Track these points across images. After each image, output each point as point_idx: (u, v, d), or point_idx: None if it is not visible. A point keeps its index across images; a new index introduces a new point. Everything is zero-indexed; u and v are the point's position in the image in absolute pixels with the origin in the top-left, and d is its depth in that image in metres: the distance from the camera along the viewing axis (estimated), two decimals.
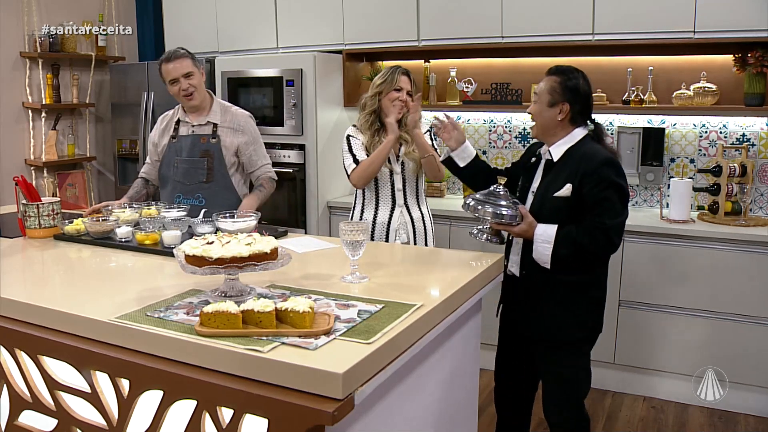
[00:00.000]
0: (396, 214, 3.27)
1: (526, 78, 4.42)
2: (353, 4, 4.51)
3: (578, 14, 3.89)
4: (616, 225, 2.42)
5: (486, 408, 3.69)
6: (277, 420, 1.51)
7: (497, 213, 2.49)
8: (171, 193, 3.36)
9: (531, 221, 2.46)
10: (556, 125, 2.53)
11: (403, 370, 1.82)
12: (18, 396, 2.05)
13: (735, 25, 3.55)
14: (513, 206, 2.50)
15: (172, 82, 3.24)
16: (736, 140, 3.97)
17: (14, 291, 2.11)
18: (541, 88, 2.56)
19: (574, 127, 2.54)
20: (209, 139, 3.30)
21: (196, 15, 5.15)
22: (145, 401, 1.74)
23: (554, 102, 2.51)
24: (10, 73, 4.90)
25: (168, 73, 3.24)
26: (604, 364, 3.90)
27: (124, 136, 5.20)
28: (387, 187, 3.27)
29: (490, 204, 2.52)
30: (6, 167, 4.86)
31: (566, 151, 2.52)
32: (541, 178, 2.59)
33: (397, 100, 3.17)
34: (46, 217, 2.86)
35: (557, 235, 2.42)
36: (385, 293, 2.05)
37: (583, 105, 2.54)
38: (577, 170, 2.43)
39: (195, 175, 3.30)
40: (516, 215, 2.47)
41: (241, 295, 1.96)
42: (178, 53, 3.26)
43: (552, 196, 2.48)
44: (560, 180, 2.47)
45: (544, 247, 2.44)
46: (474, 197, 2.59)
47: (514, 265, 2.66)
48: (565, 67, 2.57)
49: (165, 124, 3.41)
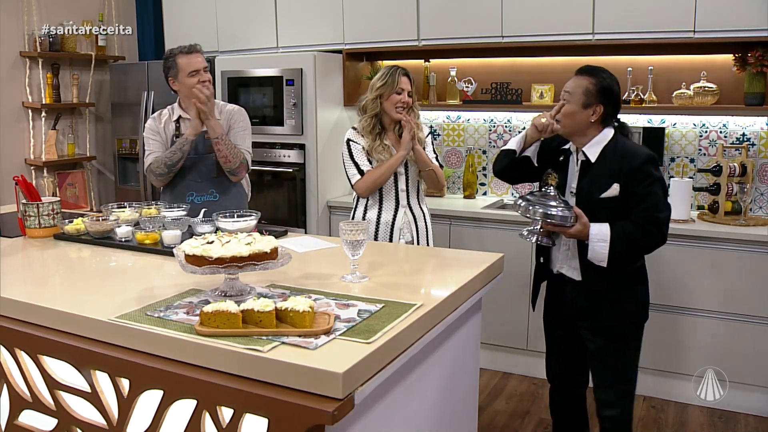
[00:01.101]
0: (400, 214, 3.28)
1: (526, 77, 4.42)
2: (353, 4, 4.51)
3: (578, 14, 3.89)
4: (666, 217, 2.47)
5: (486, 407, 3.69)
6: (277, 419, 1.51)
7: (550, 214, 2.46)
8: (181, 192, 3.30)
9: (585, 221, 2.45)
10: (588, 126, 2.54)
11: (403, 370, 1.82)
12: (18, 395, 2.05)
13: (735, 24, 3.55)
14: (566, 207, 2.47)
15: (192, 73, 3.18)
16: (736, 140, 3.97)
17: (14, 290, 2.11)
18: (574, 88, 2.55)
19: (604, 127, 2.55)
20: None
21: (196, 14, 5.15)
22: (145, 401, 1.74)
23: (589, 104, 2.51)
24: (10, 73, 4.90)
25: (190, 64, 3.19)
26: None
27: (124, 135, 5.20)
28: (392, 189, 3.28)
29: (541, 205, 2.49)
30: (6, 167, 4.86)
31: (602, 151, 2.53)
32: (578, 178, 2.59)
33: (400, 101, 3.18)
34: (46, 217, 2.86)
35: (612, 233, 2.43)
36: (385, 293, 2.05)
37: (615, 106, 2.55)
38: (620, 169, 2.45)
39: (205, 171, 3.27)
40: (569, 216, 2.45)
41: (241, 295, 1.96)
42: (198, 47, 3.25)
43: (599, 198, 2.48)
44: (603, 180, 2.48)
45: (601, 246, 2.44)
46: (525, 198, 2.57)
47: (565, 267, 2.65)
48: (596, 68, 2.57)
49: (163, 123, 3.34)
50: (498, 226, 4.05)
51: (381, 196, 3.28)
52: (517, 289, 4.02)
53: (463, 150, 4.74)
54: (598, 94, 2.50)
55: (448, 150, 4.79)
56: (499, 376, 4.11)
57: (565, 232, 2.50)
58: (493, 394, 3.88)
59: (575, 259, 2.60)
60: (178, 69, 3.21)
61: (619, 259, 2.46)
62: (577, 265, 2.60)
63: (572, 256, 2.62)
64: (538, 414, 3.65)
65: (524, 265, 3.99)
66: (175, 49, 3.24)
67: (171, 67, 3.24)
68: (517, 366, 4.15)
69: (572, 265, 2.63)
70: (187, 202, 3.21)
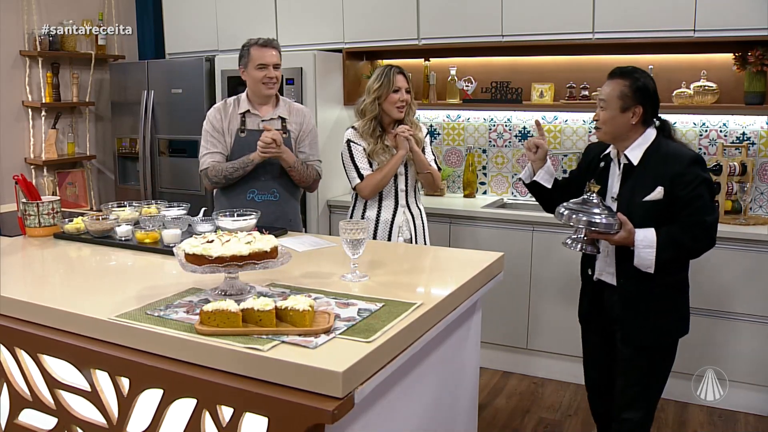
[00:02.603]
0: (399, 213, 3.29)
1: (526, 77, 4.42)
2: (353, 3, 4.51)
3: (578, 13, 3.89)
4: (713, 221, 2.42)
5: (486, 406, 3.69)
6: (277, 418, 1.51)
7: (594, 222, 2.40)
8: (242, 188, 3.25)
9: (630, 228, 2.39)
10: (629, 129, 2.48)
11: (403, 369, 1.82)
12: (18, 395, 2.05)
13: (735, 23, 3.55)
14: (609, 214, 2.41)
15: (260, 66, 3.16)
16: (736, 139, 3.97)
17: (14, 290, 2.11)
18: (609, 93, 2.48)
19: (646, 128, 2.50)
20: (281, 133, 3.22)
21: (196, 13, 5.15)
22: (145, 400, 1.74)
23: (627, 107, 2.45)
24: (9, 72, 4.90)
25: (263, 57, 3.16)
26: None
27: (124, 134, 5.20)
28: (392, 189, 3.29)
29: (584, 213, 2.43)
30: (6, 166, 4.85)
31: (644, 153, 2.47)
32: (620, 182, 2.53)
33: (399, 100, 3.18)
34: (46, 216, 2.86)
35: (658, 239, 2.37)
36: (385, 292, 2.05)
37: (654, 104, 2.49)
38: (665, 172, 2.39)
39: (269, 170, 3.24)
40: (614, 223, 2.39)
41: (241, 294, 1.96)
42: (276, 44, 3.24)
43: (641, 201, 2.42)
44: (647, 184, 2.43)
45: (648, 252, 2.38)
46: (567, 206, 2.51)
47: (604, 273, 2.62)
48: (629, 68, 2.51)
49: (228, 115, 3.27)
50: (498, 225, 4.05)
51: (381, 196, 3.28)
52: (517, 289, 4.02)
53: (463, 149, 4.74)
54: (634, 96, 2.44)
55: (448, 149, 4.79)
56: (499, 375, 4.12)
57: (610, 240, 2.44)
58: (493, 393, 3.88)
59: (613, 265, 2.56)
60: (249, 59, 3.19)
61: (666, 264, 2.40)
62: (614, 270, 2.55)
63: (610, 262, 2.57)
64: (538, 413, 3.65)
65: (524, 265, 4.00)
66: (252, 40, 3.22)
67: (243, 56, 3.22)
68: (517, 365, 4.15)
69: (610, 271, 2.59)
70: (247, 199, 3.20)
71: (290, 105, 3.37)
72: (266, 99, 3.27)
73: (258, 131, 3.22)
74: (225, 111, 3.28)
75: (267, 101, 3.28)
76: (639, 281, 2.46)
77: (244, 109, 3.26)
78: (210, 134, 3.26)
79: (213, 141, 3.25)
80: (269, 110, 3.28)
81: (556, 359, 4.04)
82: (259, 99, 3.27)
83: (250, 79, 3.22)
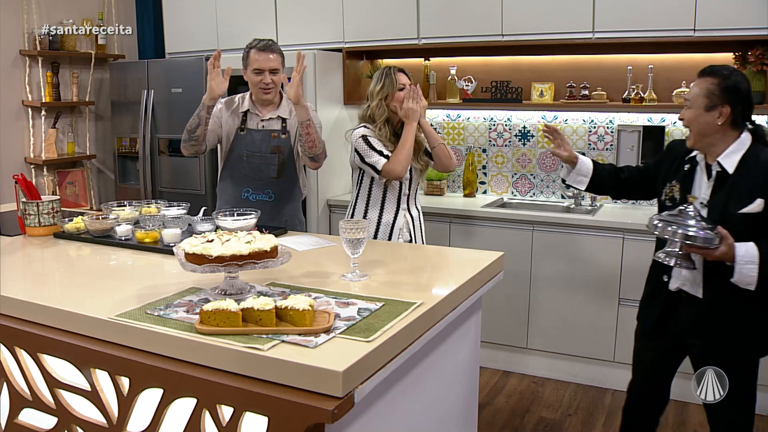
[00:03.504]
0: (400, 216, 3.29)
1: (526, 76, 4.42)
2: (353, 3, 4.51)
3: (578, 12, 3.89)
4: None
5: (486, 406, 3.69)
6: (277, 418, 1.51)
7: (691, 236, 2.22)
8: (237, 187, 3.27)
9: (731, 242, 2.21)
10: (716, 131, 2.32)
11: (403, 368, 1.82)
12: (18, 394, 2.05)
13: (735, 23, 3.55)
14: (708, 227, 2.23)
15: (256, 71, 3.16)
16: None
17: (14, 289, 2.11)
18: (695, 92, 2.34)
19: (737, 132, 2.33)
20: (279, 134, 3.25)
21: (196, 12, 5.14)
22: (145, 399, 1.74)
23: (712, 105, 2.29)
24: (9, 71, 4.90)
25: (258, 62, 3.15)
26: (604, 362, 3.90)
27: (124, 134, 5.19)
28: (395, 192, 3.28)
29: (680, 225, 2.24)
30: (6, 165, 4.85)
31: (740, 160, 2.31)
32: (712, 190, 2.37)
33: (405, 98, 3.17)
34: (46, 215, 2.86)
35: (761, 254, 2.20)
36: (385, 291, 2.05)
37: (745, 106, 2.32)
38: (765, 182, 2.25)
39: (266, 170, 3.25)
40: (713, 238, 2.20)
41: (240, 293, 1.96)
42: (275, 47, 3.19)
43: (738, 213, 2.27)
44: (743, 194, 2.27)
45: (750, 269, 2.20)
46: (660, 218, 2.33)
47: (687, 284, 2.44)
48: (719, 67, 2.35)
49: (231, 111, 3.28)
50: (498, 224, 4.05)
51: (384, 197, 3.28)
52: (516, 288, 4.02)
53: (463, 148, 4.73)
54: (722, 94, 2.28)
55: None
56: (499, 375, 4.12)
57: (709, 255, 2.25)
58: (493, 393, 3.88)
59: (699, 275, 2.39)
60: (248, 62, 3.19)
61: (766, 281, 2.22)
62: (700, 282, 2.39)
63: (697, 273, 2.39)
64: (538, 412, 3.65)
65: (524, 264, 4.00)
66: (254, 41, 3.21)
67: (244, 58, 3.22)
68: (517, 364, 4.16)
69: (696, 282, 2.41)
70: (242, 198, 3.20)
71: (293, 105, 3.36)
72: (265, 101, 3.27)
73: (256, 131, 3.24)
74: (231, 105, 3.31)
75: (267, 103, 3.29)
76: (729, 296, 2.32)
77: (246, 108, 3.28)
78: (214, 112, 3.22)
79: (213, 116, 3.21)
80: (270, 110, 3.29)
81: (555, 359, 4.04)
82: (259, 100, 3.28)
83: (249, 81, 3.23)
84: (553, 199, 4.52)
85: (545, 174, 4.53)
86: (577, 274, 3.89)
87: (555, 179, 4.49)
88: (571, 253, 3.89)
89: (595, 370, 3.95)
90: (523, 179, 4.60)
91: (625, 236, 3.73)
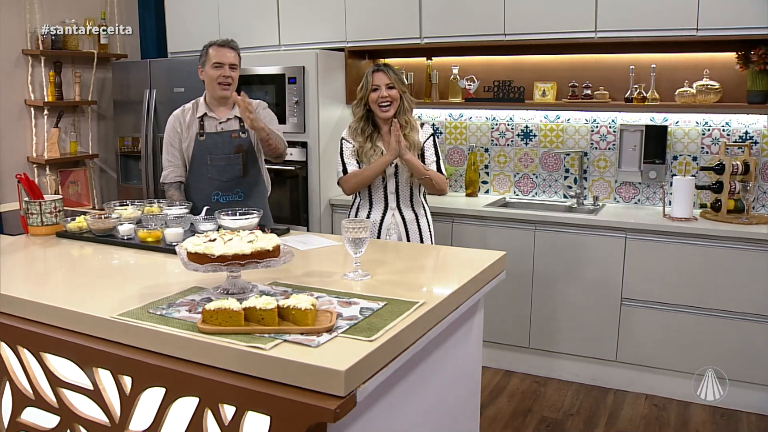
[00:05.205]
0: (388, 216, 3.29)
1: (528, 75, 4.42)
2: (355, 2, 4.51)
3: (581, 11, 3.89)
4: None
5: (488, 406, 3.69)
6: (279, 417, 1.51)
7: None
8: (206, 191, 3.28)
9: None
10: None
11: (405, 368, 1.82)
12: (21, 393, 2.05)
13: (738, 22, 3.54)
14: None
15: (216, 65, 3.19)
16: (739, 138, 3.97)
17: (17, 288, 2.11)
18: None
19: None
20: (239, 134, 3.28)
21: (198, 12, 5.15)
22: (148, 398, 1.74)
23: None
24: (12, 71, 4.91)
25: (219, 56, 3.19)
26: (606, 362, 3.90)
27: (126, 133, 5.20)
28: (380, 190, 3.29)
29: None
30: (8, 164, 4.86)
31: None
32: None
33: (379, 98, 3.17)
34: (49, 215, 2.87)
35: None
36: (388, 290, 2.05)
37: None
38: None
39: (232, 171, 3.28)
40: None
41: (243, 293, 1.96)
42: (234, 44, 3.26)
43: None
44: None
45: None
46: None
47: None
48: None
49: (187, 121, 3.30)
50: (500, 224, 4.05)
51: (371, 196, 3.30)
52: (519, 287, 4.02)
53: (465, 148, 4.73)
54: None
55: (450, 148, 4.79)
56: (501, 374, 4.11)
57: None
58: (495, 392, 3.88)
59: None
60: (207, 58, 3.22)
61: None
62: None
63: None
64: (540, 412, 3.65)
65: (526, 264, 3.99)
66: (212, 41, 3.26)
67: (202, 55, 3.26)
68: (519, 364, 4.15)
69: None
70: (212, 201, 3.21)
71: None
72: (223, 100, 3.29)
73: (216, 133, 3.28)
74: (183, 118, 3.32)
75: (224, 103, 3.30)
76: None
77: (201, 112, 3.30)
78: (170, 147, 3.34)
79: (172, 155, 3.33)
80: (226, 111, 3.31)
81: (558, 358, 4.03)
82: (215, 101, 3.29)
83: (207, 78, 3.25)
84: (556, 199, 4.52)
85: (547, 173, 4.52)
86: (579, 274, 3.88)
87: (557, 179, 4.49)
88: (573, 253, 3.88)
89: (598, 370, 3.95)
90: (526, 179, 4.59)
91: (628, 236, 3.73)
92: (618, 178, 4.30)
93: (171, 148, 3.33)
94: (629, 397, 3.81)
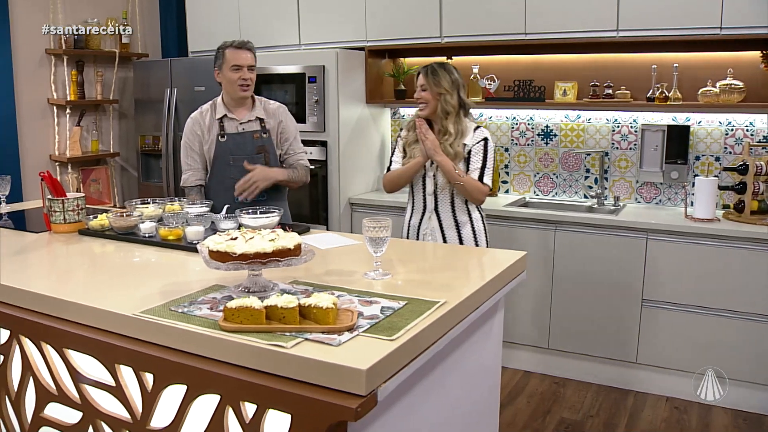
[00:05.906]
0: (425, 219, 3.27)
1: (549, 75, 4.39)
2: (376, 1, 4.51)
3: (602, 10, 3.86)
4: None
5: (507, 406, 3.68)
6: (300, 415, 1.51)
7: None
8: (228, 193, 3.23)
9: None
10: None
11: (426, 367, 1.81)
12: (44, 388, 2.07)
13: (762, 21, 3.49)
14: None
15: (235, 68, 3.18)
16: (763, 138, 3.92)
17: (40, 284, 2.13)
18: None
19: None
20: (261, 134, 3.29)
21: (219, 12, 5.17)
22: (169, 395, 1.75)
23: None
24: (35, 70, 4.96)
25: (237, 59, 3.19)
26: (627, 363, 3.87)
27: (147, 132, 5.24)
28: (420, 191, 3.27)
29: None
30: (31, 163, 4.92)
31: None
32: None
33: (418, 101, 3.19)
34: (71, 212, 2.89)
35: None
36: (408, 290, 2.04)
37: None
38: None
39: None
40: None
41: (264, 291, 1.97)
42: (251, 45, 3.26)
43: None
44: None
45: None
46: None
47: None
48: None
49: (207, 123, 3.29)
50: (521, 224, 4.03)
51: (413, 197, 3.30)
52: (539, 288, 4.00)
53: None
54: None
55: None
56: (520, 375, 4.10)
57: None
58: (514, 393, 3.87)
59: None
60: (224, 60, 3.22)
61: None
62: None
63: None
64: (559, 413, 3.63)
65: (546, 264, 3.97)
66: (227, 42, 3.26)
67: (218, 58, 3.25)
68: (538, 365, 4.13)
69: None
70: (236, 201, 3.20)
71: (266, 105, 3.39)
72: (242, 101, 3.29)
73: (238, 134, 3.28)
74: (203, 120, 3.32)
75: (243, 103, 3.31)
76: None
77: (221, 114, 3.30)
78: (189, 151, 3.34)
79: (192, 159, 3.34)
80: (245, 112, 3.32)
81: (577, 359, 4.01)
82: (234, 102, 3.29)
83: (225, 81, 3.24)
84: (576, 199, 4.49)
85: (568, 173, 4.50)
86: (599, 275, 3.86)
87: (578, 179, 4.46)
88: (593, 253, 3.86)
89: (618, 372, 3.92)
90: (546, 179, 4.57)
91: (649, 236, 3.70)
92: (639, 179, 4.26)
93: (190, 152, 3.34)
94: (650, 399, 3.78)
